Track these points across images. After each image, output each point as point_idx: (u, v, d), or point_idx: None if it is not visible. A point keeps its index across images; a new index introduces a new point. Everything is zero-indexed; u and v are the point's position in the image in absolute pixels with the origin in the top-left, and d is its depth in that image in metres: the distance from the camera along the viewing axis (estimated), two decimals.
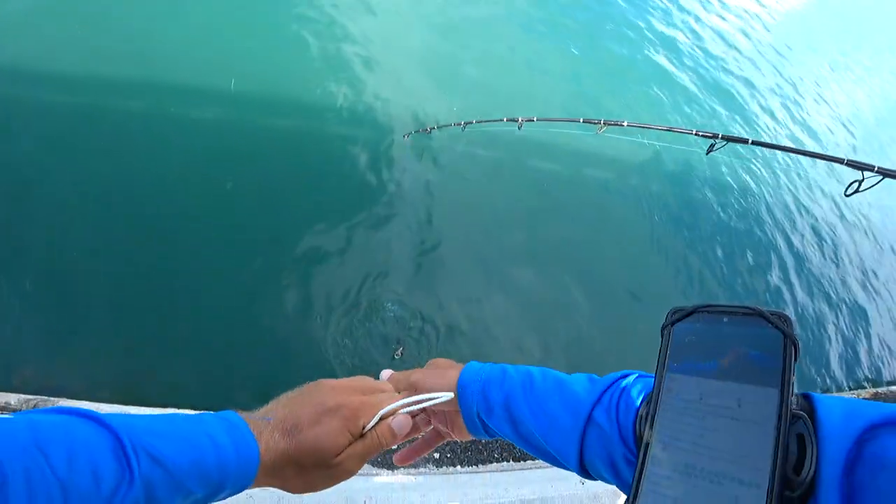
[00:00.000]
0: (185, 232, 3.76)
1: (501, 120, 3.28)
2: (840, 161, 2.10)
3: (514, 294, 4.02)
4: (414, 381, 0.77)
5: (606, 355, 3.90)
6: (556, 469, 2.13)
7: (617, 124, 2.76)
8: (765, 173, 6.22)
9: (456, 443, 2.15)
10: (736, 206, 5.70)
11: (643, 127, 2.87)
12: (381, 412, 0.66)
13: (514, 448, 2.18)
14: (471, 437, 0.80)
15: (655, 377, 0.51)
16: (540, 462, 2.20)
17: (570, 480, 1.78)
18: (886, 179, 1.92)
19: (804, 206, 6.20)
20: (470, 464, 2.04)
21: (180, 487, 0.51)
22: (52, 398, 2.62)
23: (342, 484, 0.62)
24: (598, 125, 2.80)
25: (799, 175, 6.48)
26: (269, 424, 0.59)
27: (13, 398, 2.54)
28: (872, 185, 1.95)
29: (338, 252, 3.90)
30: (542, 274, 4.19)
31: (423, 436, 0.83)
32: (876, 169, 1.93)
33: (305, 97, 4.84)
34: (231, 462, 0.54)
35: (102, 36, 4.61)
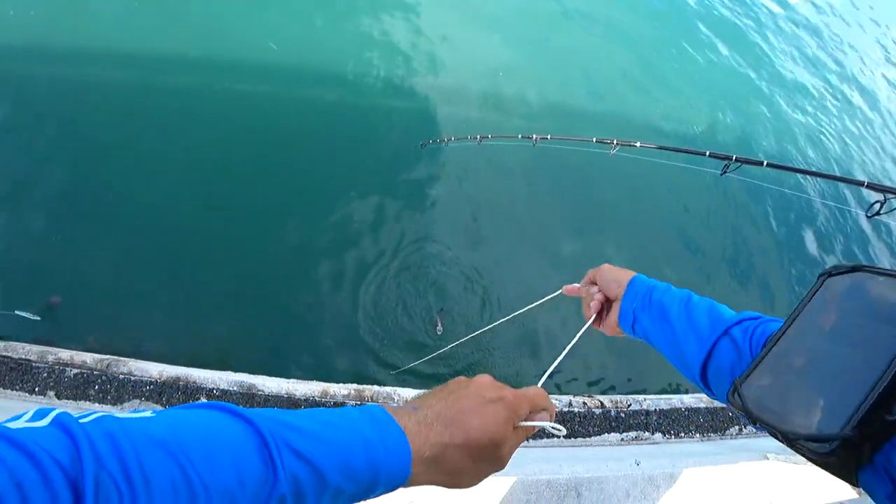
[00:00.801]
0: (236, 199, 4.10)
1: (516, 136, 3.31)
2: (860, 184, 2.09)
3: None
4: (599, 273, 1.02)
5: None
6: (610, 449, 2.38)
7: (629, 144, 2.80)
8: (782, 196, 6.10)
9: None
10: (749, 227, 5.69)
11: (656, 148, 2.85)
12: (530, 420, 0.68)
13: (565, 425, 2.39)
14: (616, 333, 1.00)
15: (797, 306, 0.61)
16: (593, 440, 2.41)
17: (624, 462, 1.86)
18: None
19: (828, 229, 6.15)
20: None
21: (328, 486, 0.49)
22: (122, 358, 2.84)
23: None
24: (611, 145, 2.83)
25: (823, 195, 6.44)
26: (416, 414, 0.59)
27: (89, 357, 2.74)
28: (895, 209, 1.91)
29: (382, 222, 4.24)
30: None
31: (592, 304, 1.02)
32: None
33: (342, 74, 5.14)
34: (381, 457, 0.53)
35: (153, 15, 4.88)
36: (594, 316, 1.02)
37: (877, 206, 1.95)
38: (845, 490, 1.63)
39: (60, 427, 0.40)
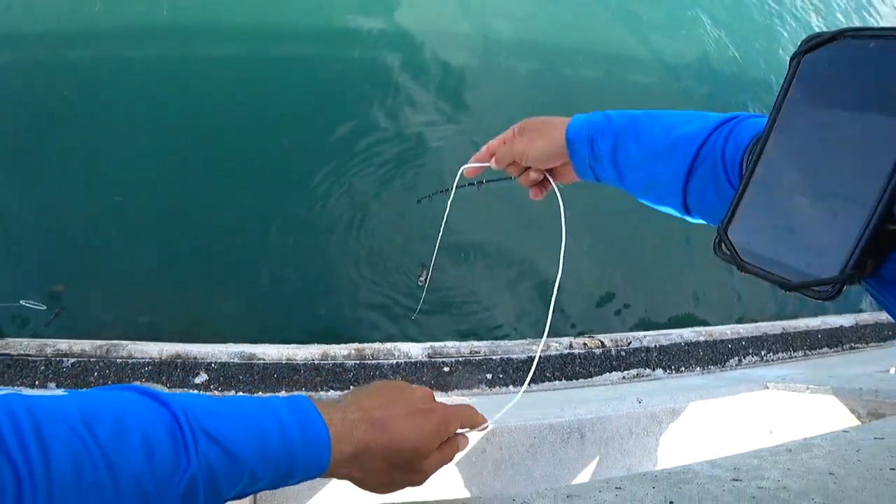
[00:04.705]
0: (223, 167, 4.03)
1: (510, 178, 3.14)
2: None
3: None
4: (520, 151, 0.81)
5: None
6: (612, 388, 2.41)
7: None
8: None
9: (508, 363, 2.40)
10: None
11: None
12: (462, 430, 0.69)
13: (567, 368, 2.40)
14: (576, 180, 0.87)
15: (774, 106, 0.49)
16: (595, 380, 2.43)
17: (626, 400, 1.88)
18: None
19: None
20: (521, 384, 2.27)
21: (242, 471, 0.48)
22: (121, 342, 2.84)
23: None
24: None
25: None
26: (343, 409, 0.58)
27: (87, 345, 2.74)
28: None
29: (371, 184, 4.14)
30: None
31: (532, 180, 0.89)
32: None
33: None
34: (298, 446, 0.52)
35: None
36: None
37: None
38: (848, 417, 1.63)
39: None
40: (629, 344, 2.78)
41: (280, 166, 4.10)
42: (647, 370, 2.58)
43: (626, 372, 2.55)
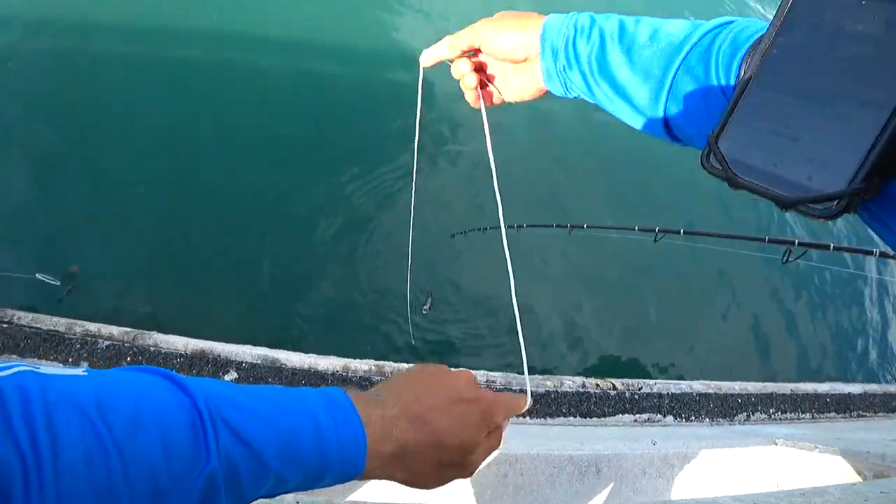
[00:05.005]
0: (260, 175, 4.23)
1: (551, 226, 3.11)
2: None
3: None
4: (481, 34, 0.68)
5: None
6: (626, 429, 2.50)
7: (673, 232, 2.57)
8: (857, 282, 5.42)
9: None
10: (823, 320, 5.10)
11: (703, 234, 2.62)
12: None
13: (582, 405, 2.50)
14: (529, 97, 0.75)
15: (773, 18, 0.43)
16: (607, 420, 2.53)
17: (641, 441, 1.94)
18: None
19: None
20: (539, 416, 2.38)
21: (268, 471, 0.44)
22: (146, 331, 2.93)
23: None
24: (654, 234, 2.60)
25: None
26: (382, 404, 0.53)
27: (115, 330, 2.83)
28: None
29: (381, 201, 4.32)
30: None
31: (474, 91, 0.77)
32: None
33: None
34: (332, 447, 0.48)
35: None
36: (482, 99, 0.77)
37: None
38: (854, 478, 1.72)
39: None
40: (640, 389, 2.86)
41: (310, 177, 4.30)
42: (659, 416, 2.66)
43: (638, 415, 2.64)
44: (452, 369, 0.61)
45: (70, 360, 2.85)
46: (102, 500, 0.36)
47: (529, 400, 0.68)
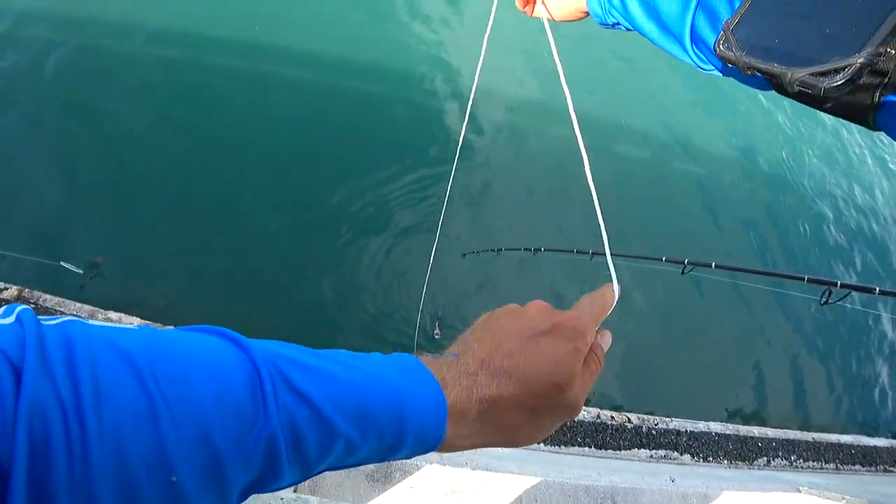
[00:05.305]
0: (279, 183, 4.32)
1: (571, 251, 3.00)
2: None
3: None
4: None
5: None
6: (644, 463, 2.44)
7: (704, 265, 2.43)
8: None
9: None
10: (855, 367, 4.81)
11: (736, 269, 2.49)
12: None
13: (598, 436, 2.45)
14: (567, 18, 0.83)
15: None
16: (622, 454, 2.46)
17: (658, 477, 1.89)
18: None
19: None
20: (553, 444, 2.32)
21: (336, 436, 0.40)
22: (167, 327, 2.98)
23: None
24: (682, 265, 2.47)
25: None
26: (457, 365, 0.48)
27: (136, 321, 2.87)
28: None
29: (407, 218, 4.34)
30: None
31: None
32: None
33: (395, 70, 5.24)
34: (408, 411, 0.43)
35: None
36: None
37: None
38: None
39: (18, 324, 0.34)
40: (656, 425, 2.80)
41: (334, 186, 4.35)
42: (675, 453, 2.59)
43: (654, 451, 2.57)
44: (519, 306, 0.54)
45: None
46: (152, 465, 0.32)
47: (617, 288, 0.57)
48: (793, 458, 2.70)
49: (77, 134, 4.14)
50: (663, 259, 2.61)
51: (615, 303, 0.56)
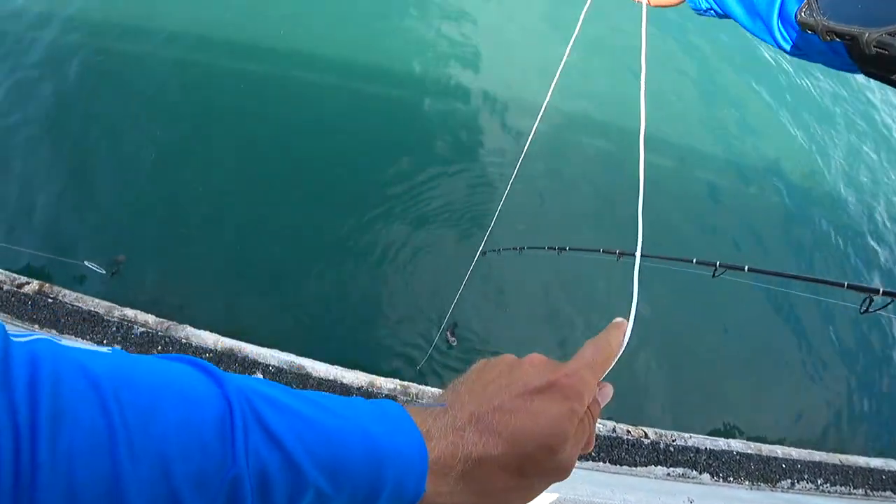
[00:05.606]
0: (302, 185, 4.33)
1: (598, 251, 2.94)
2: None
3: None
4: None
5: None
6: (660, 482, 2.35)
7: (736, 268, 2.35)
8: None
9: None
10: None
11: (770, 274, 2.40)
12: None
13: (613, 451, 2.38)
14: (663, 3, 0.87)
15: None
16: (638, 471, 2.38)
17: (676, 497, 1.85)
18: None
19: None
20: None
21: (305, 485, 0.38)
22: (179, 324, 2.99)
23: None
24: (714, 268, 2.39)
25: None
26: (445, 417, 0.45)
27: (150, 318, 2.89)
28: None
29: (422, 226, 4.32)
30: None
31: None
32: None
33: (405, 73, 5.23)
34: (386, 464, 0.40)
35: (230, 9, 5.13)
36: None
37: None
38: None
39: None
40: (674, 441, 2.70)
41: (358, 197, 4.35)
42: (694, 472, 2.50)
43: (671, 469, 2.48)
44: (517, 358, 0.50)
45: (105, 341, 2.92)
46: (102, 496, 0.30)
47: (628, 334, 0.51)
48: (819, 481, 2.58)
49: (96, 138, 4.23)
50: (694, 261, 2.50)
51: (622, 349, 0.51)
